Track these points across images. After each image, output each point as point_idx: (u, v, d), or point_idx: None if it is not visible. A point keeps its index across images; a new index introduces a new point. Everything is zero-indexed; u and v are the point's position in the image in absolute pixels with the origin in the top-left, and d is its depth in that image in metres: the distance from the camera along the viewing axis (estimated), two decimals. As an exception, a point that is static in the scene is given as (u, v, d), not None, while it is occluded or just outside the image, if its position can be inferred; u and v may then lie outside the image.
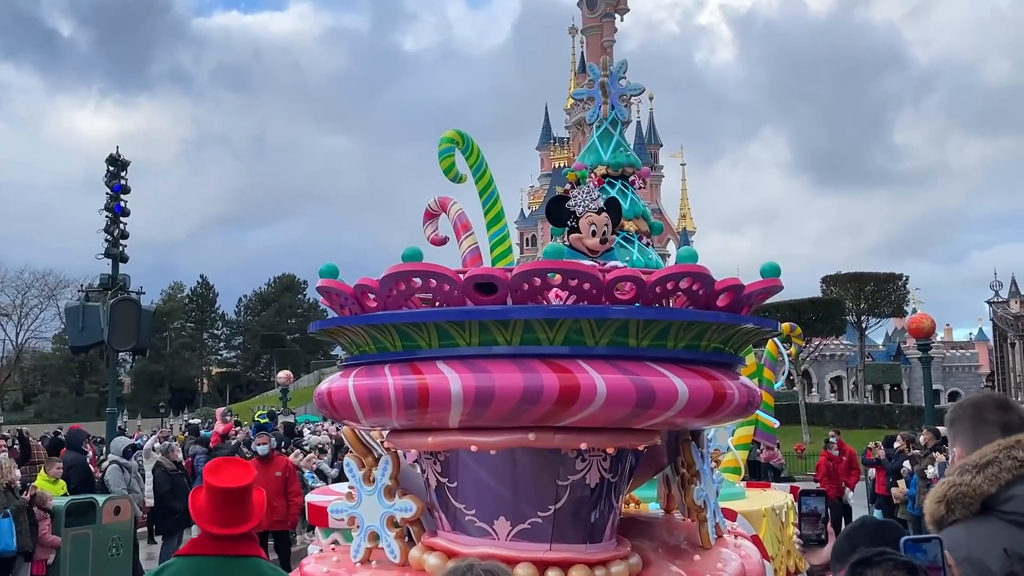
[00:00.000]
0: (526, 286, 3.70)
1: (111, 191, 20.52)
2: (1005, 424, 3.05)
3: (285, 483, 13.84)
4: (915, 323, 27.66)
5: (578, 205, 4.60)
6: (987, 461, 2.88)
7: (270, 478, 13.41)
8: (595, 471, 4.10)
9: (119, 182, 20.61)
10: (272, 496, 13.27)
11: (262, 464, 13.64)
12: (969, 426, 3.11)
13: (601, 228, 4.59)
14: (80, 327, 19.47)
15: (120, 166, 20.75)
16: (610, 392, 3.61)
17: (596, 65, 8.01)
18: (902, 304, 67.86)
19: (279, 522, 13.68)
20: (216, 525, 4.31)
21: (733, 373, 4.18)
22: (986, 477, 2.85)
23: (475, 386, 3.64)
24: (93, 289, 21.33)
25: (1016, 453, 2.87)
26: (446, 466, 4.20)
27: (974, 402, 3.25)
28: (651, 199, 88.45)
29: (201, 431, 27.23)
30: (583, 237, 4.60)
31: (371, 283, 3.99)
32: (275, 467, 13.96)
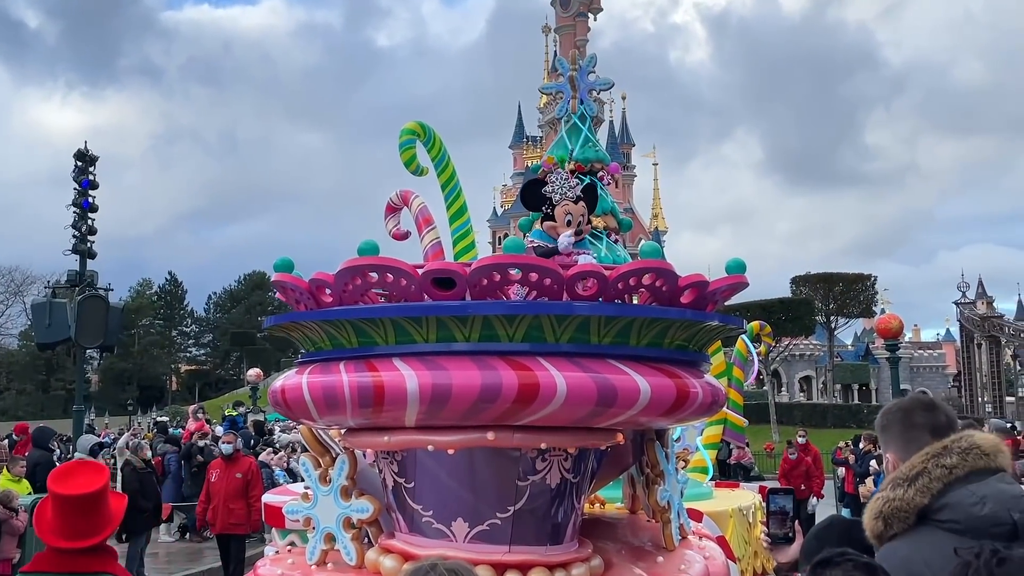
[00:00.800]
0: (485, 281, 3.60)
1: (79, 186, 20.37)
2: (933, 426, 3.06)
3: (247, 485, 13.35)
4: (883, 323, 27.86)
5: (555, 191, 4.47)
6: (916, 473, 2.89)
7: (230, 479, 13.18)
8: (556, 471, 4.01)
9: (87, 177, 20.43)
10: (231, 498, 13.02)
11: (225, 464, 13.38)
12: (899, 431, 3.12)
13: (577, 217, 4.47)
14: (47, 323, 19.27)
15: (88, 161, 20.55)
16: (570, 390, 3.52)
17: (565, 59, 7.89)
18: (871, 304, 68.54)
19: (236, 525, 13.22)
20: (61, 538, 3.84)
21: (698, 371, 4.10)
22: (918, 489, 2.86)
23: (432, 384, 3.54)
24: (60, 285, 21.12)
25: (944, 461, 2.88)
26: (403, 466, 4.09)
27: (902, 407, 3.25)
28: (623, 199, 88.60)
29: (170, 429, 26.94)
30: (557, 226, 4.48)
31: (326, 277, 3.88)
32: (237, 467, 13.52)
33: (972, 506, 2.78)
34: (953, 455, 2.89)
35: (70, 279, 20.52)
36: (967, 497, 2.80)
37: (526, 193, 4.54)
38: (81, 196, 20.33)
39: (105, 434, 38.76)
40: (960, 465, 2.87)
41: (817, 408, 65.77)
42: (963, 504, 2.79)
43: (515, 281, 3.62)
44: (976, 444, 2.93)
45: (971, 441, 2.94)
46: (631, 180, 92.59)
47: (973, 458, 2.89)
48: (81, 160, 20.51)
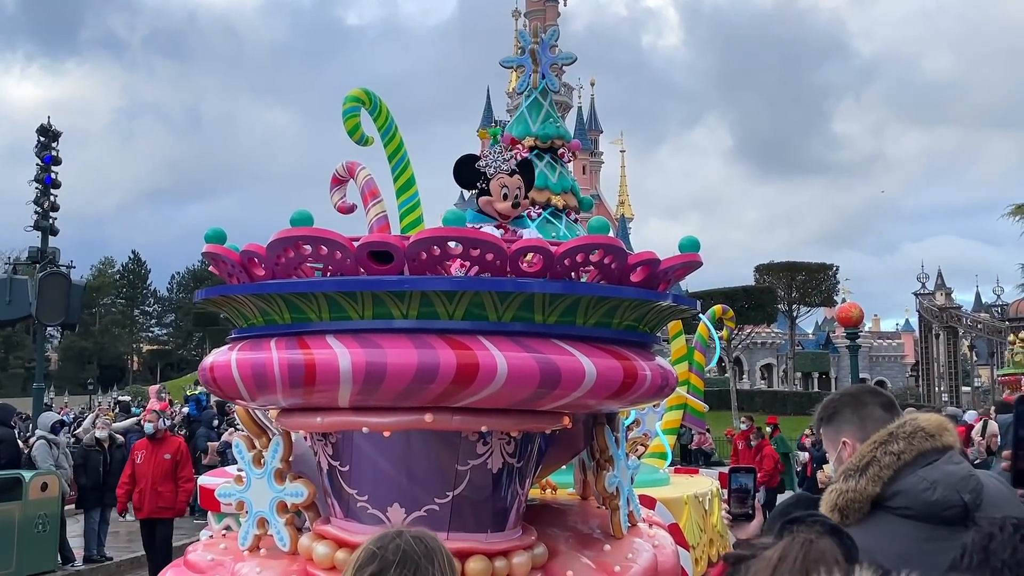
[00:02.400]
0: (424, 255, 3.42)
1: (41, 162, 20.03)
2: (882, 404, 3.14)
3: (175, 466, 12.59)
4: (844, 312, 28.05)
5: (489, 165, 4.28)
6: (866, 462, 2.92)
7: (158, 460, 12.47)
8: (498, 455, 3.84)
9: (50, 153, 20.10)
10: (158, 480, 12.31)
11: (151, 444, 12.66)
12: (851, 412, 3.16)
13: (513, 191, 4.28)
14: (7, 300, 18.90)
15: (51, 136, 20.21)
16: (511, 371, 3.35)
17: (526, 32, 7.68)
18: (832, 294, 69.15)
19: (164, 509, 12.48)
20: None
21: (647, 353, 3.95)
22: (869, 479, 2.89)
23: (366, 362, 3.35)
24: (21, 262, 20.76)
25: (891, 448, 2.91)
26: (337, 448, 3.90)
27: (848, 392, 3.31)
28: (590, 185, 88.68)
29: (132, 408, 26.53)
30: (493, 200, 4.28)
31: (258, 249, 3.67)
32: (165, 448, 12.67)
33: (923, 492, 2.82)
34: (900, 441, 2.91)
35: (31, 256, 20.23)
36: (917, 483, 2.83)
37: (459, 170, 4.33)
38: (44, 172, 20.00)
39: (64, 412, 38.16)
40: (907, 450, 2.89)
41: (778, 395, 66.46)
42: (914, 490, 2.82)
43: (455, 255, 3.43)
44: (920, 427, 2.95)
45: (915, 425, 2.97)
46: (598, 167, 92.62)
47: (919, 441, 2.91)
48: (44, 135, 20.16)
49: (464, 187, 4.29)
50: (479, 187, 4.29)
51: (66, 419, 26.05)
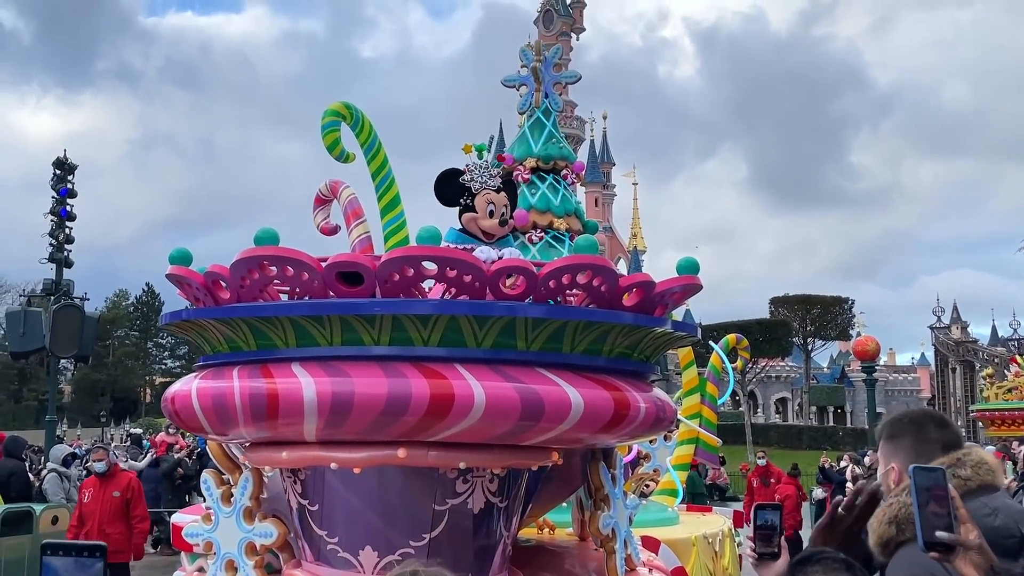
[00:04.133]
0: (396, 276, 3.15)
1: (57, 195, 20.17)
2: (945, 443, 3.11)
3: (126, 505, 11.26)
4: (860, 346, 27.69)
5: (474, 180, 3.99)
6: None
7: (106, 498, 11.17)
8: (480, 494, 3.55)
9: (66, 186, 20.27)
10: (106, 520, 10.99)
11: (100, 482, 11.33)
12: (910, 443, 3.15)
13: (500, 208, 3.99)
14: (21, 332, 19.05)
15: (67, 169, 20.40)
16: (490, 402, 3.07)
17: (529, 49, 7.45)
18: (847, 327, 68.50)
19: (116, 552, 10.77)
20: None
21: (643, 383, 3.65)
22: None
23: (332, 392, 3.08)
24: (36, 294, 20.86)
25: (959, 472, 2.95)
26: (307, 486, 3.62)
27: (913, 419, 3.26)
28: (603, 218, 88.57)
29: (144, 441, 26.42)
30: (478, 217, 3.99)
31: (222, 271, 3.41)
32: (114, 485, 11.28)
33: (986, 516, 2.83)
34: (967, 467, 2.98)
35: (46, 288, 20.42)
36: (980, 508, 2.85)
37: (441, 185, 4.04)
38: (59, 204, 20.22)
39: (76, 445, 37.97)
40: (973, 478, 2.95)
41: (793, 430, 65.64)
42: (978, 514, 2.79)
43: (430, 276, 3.17)
44: (984, 460, 3.03)
45: (979, 456, 3.04)
46: (611, 199, 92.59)
47: (983, 473, 2.98)
48: (60, 168, 20.38)
49: (446, 204, 4.01)
50: (462, 203, 4.01)
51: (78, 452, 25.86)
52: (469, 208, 3.97)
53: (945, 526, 2.68)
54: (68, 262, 20.19)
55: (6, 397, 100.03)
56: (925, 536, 2.68)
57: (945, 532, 2.64)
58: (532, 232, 7.27)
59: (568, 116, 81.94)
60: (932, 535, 2.66)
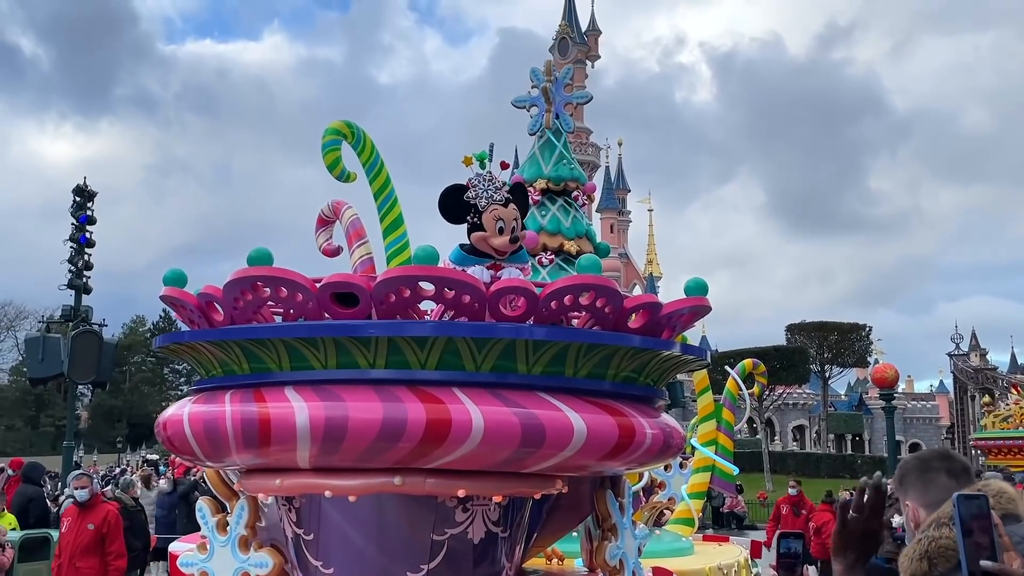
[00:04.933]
0: (393, 297, 3.05)
1: (77, 222, 20.40)
2: (948, 469, 3.15)
3: (101, 539, 10.44)
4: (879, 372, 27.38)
5: (479, 196, 3.81)
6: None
7: (80, 530, 10.42)
8: (480, 523, 3.43)
9: (85, 213, 20.51)
10: (78, 554, 10.34)
11: (77, 512, 10.59)
12: (916, 477, 3.19)
13: (510, 223, 3.82)
14: (40, 358, 19.12)
15: (87, 197, 20.65)
16: (489, 428, 2.95)
17: (539, 69, 7.39)
18: (865, 354, 67.94)
19: None
20: None
21: (649, 409, 3.53)
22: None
23: (325, 417, 2.98)
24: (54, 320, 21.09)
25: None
26: (301, 515, 3.51)
27: (918, 456, 3.35)
28: (618, 244, 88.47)
29: (161, 467, 26.45)
30: (488, 235, 3.82)
31: (215, 292, 3.32)
32: (90, 517, 10.49)
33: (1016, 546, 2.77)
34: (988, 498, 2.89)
35: (64, 314, 20.40)
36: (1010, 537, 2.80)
37: (445, 204, 3.86)
38: (79, 231, 20.40)
39: (94, 471, 38.05)
40: (996, 507, 2.90)
41: (811, 458, 64.98)
42: None
43: (428, 297, 3.07)
44: (1004, 490, 3.04)
45: (1000, 486, 3.04)
46: (626, 226, 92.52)
47: (1004, 502, 2.98)
48: (80, 195, 20.61)
49: (453, 222, 3.85)
50: (469, 222, 3.84)
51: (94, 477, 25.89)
52: (477, 227, 3.81)
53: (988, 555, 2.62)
54: (87, 288, 20.29)
55: (23, 423, 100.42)
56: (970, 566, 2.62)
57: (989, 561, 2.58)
58: (542, 255, 7.19)
59: (584, 143, 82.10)
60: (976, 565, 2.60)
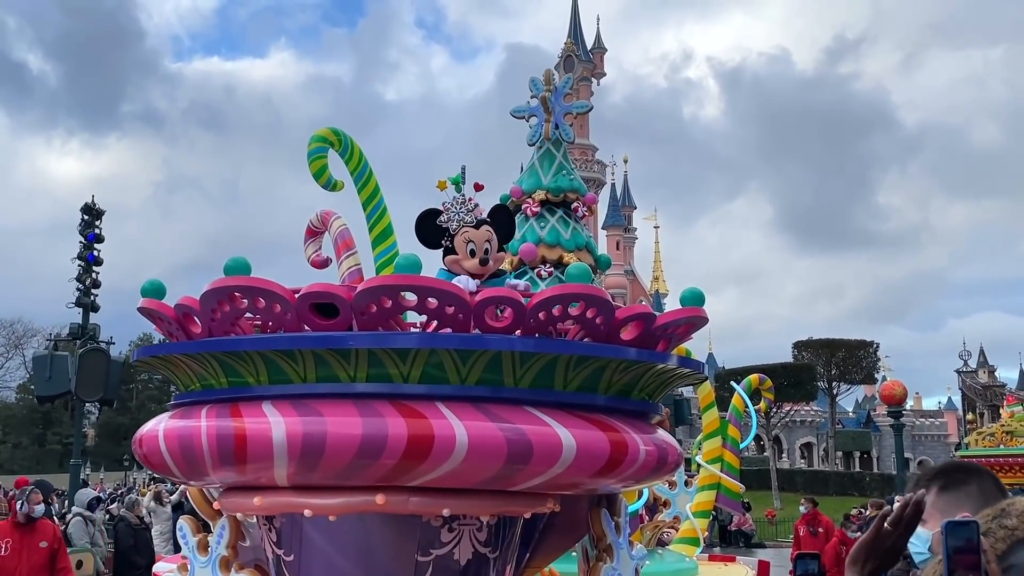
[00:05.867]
0: (374, 308, 2.93)
1: (85, 240, 20.55)
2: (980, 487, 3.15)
3: (52, 557, 10.09)
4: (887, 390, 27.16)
5: (451, 220, 3.78)
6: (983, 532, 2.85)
7: (31, 549, 9.95)
8: (467, 544, 3.29)
9: (93, 231, 20.68)
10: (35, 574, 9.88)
11: (16, 532, 10.03)
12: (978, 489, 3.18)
13: (481, 245, 3.75)
14: (47, 376, 19.17)
15: (95, 215, 20.79)
16: (473, 444, 2.82)
17: (539, 79, 7.30)
18: (872, 371, 67.65)
19: None
20: None
21: (643, 424, 3.40)
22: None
23: (302, 433, 2.85)
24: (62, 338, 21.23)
25: (1005, 522, 2.92)
26: (282, 535, 3.38)
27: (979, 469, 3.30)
28: (624, 261, 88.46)
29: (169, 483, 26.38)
30: (460, 258, 3.77)
31: (192, 303, 3.21)
32: (39, 535, 10.07)
33: None
34: (1012, 517, 2.93)
35: (72, 332, 20.56)
36: None
37: (421, 227, 3.82)
38: (87, 250, 20.56)
39: (100, 489, 37.92)
40: (1020, 527, 2.91)
41: (819, 475, 64.59)
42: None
43: (410, 308, 2.94)
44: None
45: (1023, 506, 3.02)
46: (632, 243, 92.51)
47: None
48: (88, 214, 20.79)
49: (428, 247, 3.79)
50: (444, 245, 3.80)
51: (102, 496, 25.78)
52: (450, 250, 3.77)
53: None
54: (95, 307, 20.41)
55: (30, 441, 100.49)
56: None
57: None
58: (541, 267, 7.08)
59: (589, 160, 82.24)
60: None
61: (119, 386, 22.38)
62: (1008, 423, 23.66)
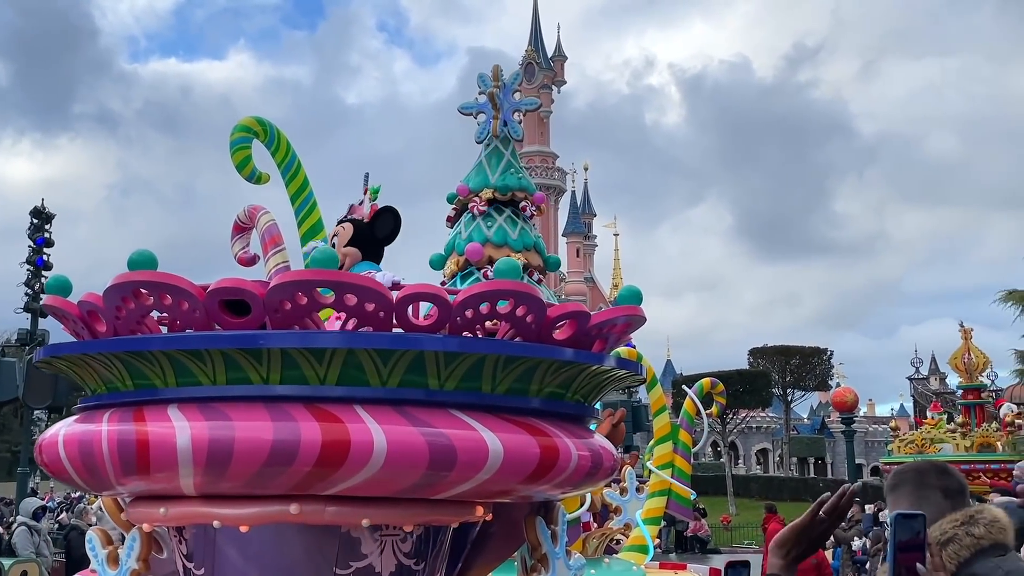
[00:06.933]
0: (288, 305, 2.75)
1: (34, 244, 20.13)
2: (945, 488, 3.18)
3: None
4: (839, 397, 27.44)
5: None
6: (948, 538, 2.99)
7: None
8: (390, 556, 3.11)
9: (43, 235, 20.39)
10: None
11: None
12: (911, 490, 3.21)
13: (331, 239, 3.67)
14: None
15: (45, 219, 20.51)
16: (392, 450, 2.65)
17: (487, 74, 7.15)
18: (826, 378, 68.39)
19: None
20: None
21: (578, 428, 3.24)
22: (948, 555, 2.95)
23: (208, 439, 2.66)
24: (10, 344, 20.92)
25: (972, 530, 3.00)
26: (191, 547, 3.17)
27: (916, 468, 3.36)
28: (584, 268, 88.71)
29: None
30: None
31: (96, 300, 3.00)
32: None
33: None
34: (980, 525, 3.00)
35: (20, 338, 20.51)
36: (993, 570, 2.93)
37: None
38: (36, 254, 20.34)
39: (49, 498, 37.00)
40: (986, 536, 2.99)
41: (773, 481, 65.13)
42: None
43: (327, 305, 2.77)
44: (997, 518, 3.07)
45: (993, 515, 3.09)
46: (592, 250, 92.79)
47: (996, 531, 3.02)
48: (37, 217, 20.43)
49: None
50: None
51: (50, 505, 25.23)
52: None
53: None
54: (44, 312, 20.02)
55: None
56: None
57: None
58: (488, 268, 6.92)
59: (550, 167, 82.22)
60: None
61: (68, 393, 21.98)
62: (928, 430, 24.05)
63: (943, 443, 22.61)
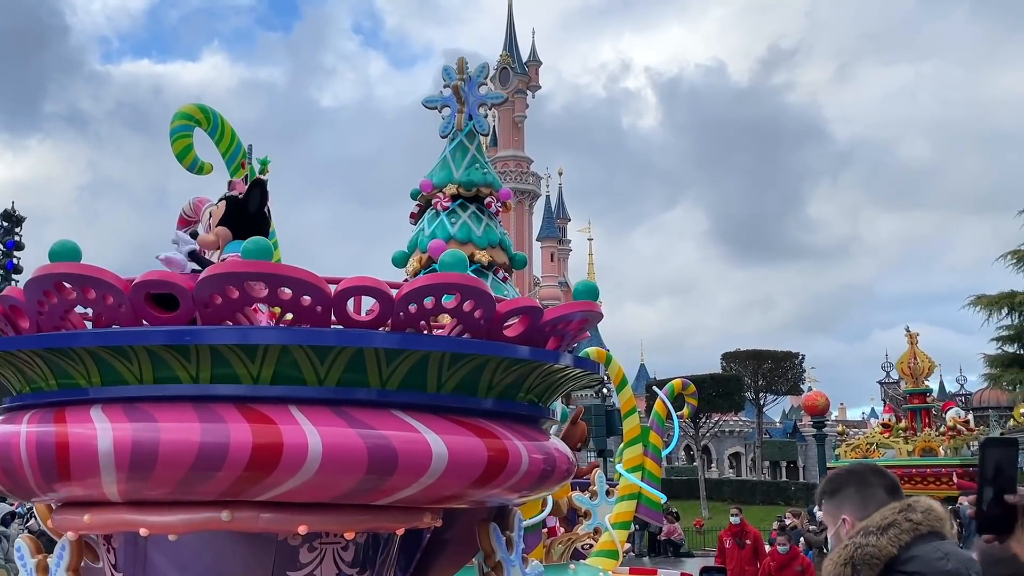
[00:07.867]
0: (219, 299, 2.59)
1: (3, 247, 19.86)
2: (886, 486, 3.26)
3: None
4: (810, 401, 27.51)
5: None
6: (888, 523, 3.06)
7: None
8: (330, 565, 2.96)
9: (13, 238, 20.08)
10: None
11: None
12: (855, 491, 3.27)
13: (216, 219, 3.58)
14: None
15: (15, 222, 20.20)
16: (328, 453, 2.50)
17: (452, 67, 7.00)
18: (798, 382, 68.68)
19: None
20: None
21: (530, 430, 3.10)
22: (889, 539, 3.03)
23: (131, 441, 2.49)
24: None
25: (911, 516, 3.07)
26: (120, 557, 3.00)
27: (853, 470, 3.42)
28: (559, 273, 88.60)
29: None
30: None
31: (17, 294, 2.83)
32: None
33: (938, 560, 2.98)
34: (917, 512, 3.09)
35: None
36: (933, 552, 2.99)
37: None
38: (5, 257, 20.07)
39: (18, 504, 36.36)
40: (924, 522, 3.07)
41: (746, 485, 65.24)
42: (930, 557, 2.98)
43: (261, 299, 2.61)
44: (932, 507, 3.16)
45: (928, 504, 3.18)
46: (566, 255, 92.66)
47: (932, 519, 3.11)
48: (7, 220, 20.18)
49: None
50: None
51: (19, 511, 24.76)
52: None
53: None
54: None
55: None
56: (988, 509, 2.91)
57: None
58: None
59: (524, 171, 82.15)
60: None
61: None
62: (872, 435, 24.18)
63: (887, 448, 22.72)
